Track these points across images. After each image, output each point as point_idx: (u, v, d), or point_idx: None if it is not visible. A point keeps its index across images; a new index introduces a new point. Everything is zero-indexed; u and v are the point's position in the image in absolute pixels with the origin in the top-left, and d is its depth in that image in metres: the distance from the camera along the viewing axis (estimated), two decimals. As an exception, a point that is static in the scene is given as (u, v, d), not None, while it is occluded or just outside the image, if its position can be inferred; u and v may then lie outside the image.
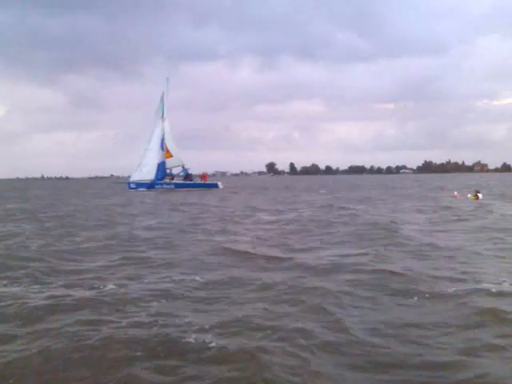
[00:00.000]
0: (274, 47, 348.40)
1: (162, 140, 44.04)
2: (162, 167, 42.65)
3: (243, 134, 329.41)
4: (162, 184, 40.59)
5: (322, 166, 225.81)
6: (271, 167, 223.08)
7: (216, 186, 40.77)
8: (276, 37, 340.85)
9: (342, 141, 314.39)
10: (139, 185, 41.57)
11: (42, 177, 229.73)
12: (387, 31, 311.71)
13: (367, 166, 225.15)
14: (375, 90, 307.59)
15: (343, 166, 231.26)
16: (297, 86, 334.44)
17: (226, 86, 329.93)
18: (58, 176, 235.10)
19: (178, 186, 40.19)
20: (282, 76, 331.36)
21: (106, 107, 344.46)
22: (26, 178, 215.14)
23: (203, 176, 43.04)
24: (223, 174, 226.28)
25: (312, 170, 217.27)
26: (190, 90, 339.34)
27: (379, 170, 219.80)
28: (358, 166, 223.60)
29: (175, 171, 43.71)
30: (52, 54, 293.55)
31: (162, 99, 46.52)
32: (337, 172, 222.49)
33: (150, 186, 40.85)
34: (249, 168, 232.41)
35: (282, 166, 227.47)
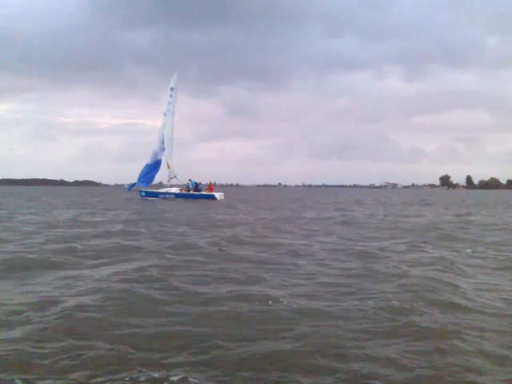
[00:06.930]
0: (417, 54, 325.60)
1: (162, 142, 42.53)
2: (152, 168, 42.92)
3: (404, 145, 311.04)
4: (164, 194, 41.32)
5: (502, 180, 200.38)
6: (445, 180, 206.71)
7: (213, 197, 40.40)
8: (417, 43, 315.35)
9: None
10: (148, 193, 41.75)
11: (214, 183, 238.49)
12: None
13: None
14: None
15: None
16: (453, 95, 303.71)
17: (377, 96, 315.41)
18: (228, 183, 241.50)
19: (177, 196, 41.16)
20: (432, 85, 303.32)
21: (258, 116, 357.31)
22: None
23: (209, 186, 43.36)
24: (394, 185, 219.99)
25: (492, 184, 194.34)
26: (342, 99, 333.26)
27: None
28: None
29: (174, 181, 43.87)
30: (201, 66, 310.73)
31: (172, 88, 42.84)
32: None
33: (154, 194, 41.52)
34: (419, 180, 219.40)
35: (454, 179, 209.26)
